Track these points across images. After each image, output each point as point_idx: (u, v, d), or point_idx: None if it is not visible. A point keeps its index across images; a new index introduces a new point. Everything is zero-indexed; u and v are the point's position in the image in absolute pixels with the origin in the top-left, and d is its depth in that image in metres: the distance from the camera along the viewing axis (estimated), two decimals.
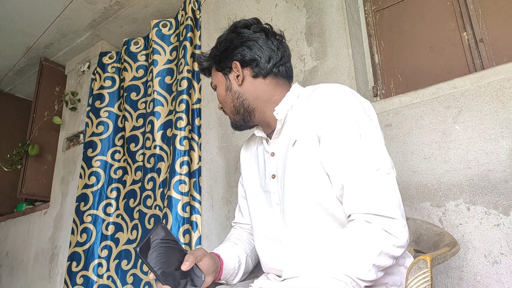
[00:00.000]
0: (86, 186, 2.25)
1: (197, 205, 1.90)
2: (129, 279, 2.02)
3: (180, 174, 1.88)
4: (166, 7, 2.54)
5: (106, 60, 2.50)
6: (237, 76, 0.94)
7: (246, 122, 0.98)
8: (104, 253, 2.10)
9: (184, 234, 1.79)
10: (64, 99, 2.89)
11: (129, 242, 2.09)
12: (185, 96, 2.00)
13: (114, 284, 2.03)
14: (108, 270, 2.07)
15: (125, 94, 2.35)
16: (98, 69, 2.51)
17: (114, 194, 2.22)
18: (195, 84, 2.08)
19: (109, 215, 2.18)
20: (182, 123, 1.96)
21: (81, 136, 2.71)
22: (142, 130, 2.25)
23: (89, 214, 2.18)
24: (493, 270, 1.08)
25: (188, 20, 2.13)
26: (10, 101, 3.61)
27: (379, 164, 0.74)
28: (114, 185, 2.24)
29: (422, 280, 0.63)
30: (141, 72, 2.38)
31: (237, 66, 0.94)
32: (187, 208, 1.85)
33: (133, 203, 2.16)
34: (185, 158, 1.91)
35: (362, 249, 0.68)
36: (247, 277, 1.05)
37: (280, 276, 0.87)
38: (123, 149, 2.31)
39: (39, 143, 2.90)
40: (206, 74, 1.05)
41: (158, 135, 2.07)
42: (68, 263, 2.12)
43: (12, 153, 2.94)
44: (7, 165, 2.94)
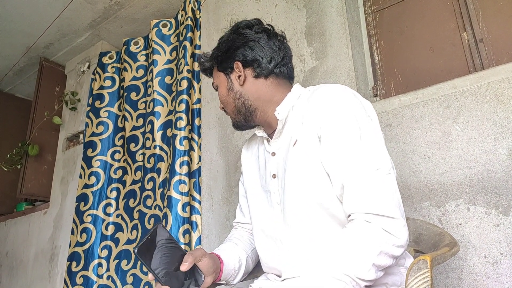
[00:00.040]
0: (86, 186, 2.25)
1: (197, 205, 1.90)
2: (129, 279, 2.02)
3: (180, 174, 1.88)
4: (166, 7, 2.54)
5: (106, 60, 2.50)
6: (239, 77, 0.95)
7: (248, 122, 0.98)
8: (104, 253, 2.10)
9: (184, 234, 1.79)
10: (64, 99, 2.89)
11: (129, 242, 2.09)
12: (185, 96, 2.00)
13: (114, 284, 2.03)
14: (108, 270, 2.07)
15: (125, 94, 2.35)
16: (98, 69, 2.51)
17: (114, 194, 2.22)
18: (195, 84, 2.08)
19: (109, 215, 2.18)
20: (182, 123, 1.96)
21: (81, 136, 2.71)
22: (142, 130, 2.25)
23: (89, 214, 2.18)
24: (493, 270, 1.08)
25: (188, 20, 2.13)
26: (10, 101, 3.61)
27: (379, 164, 0.74)
28: (114, 185, 2.24)
29: (422, 280, 0.63)
30: (141, 72, 2.38)
31: (239, 67, 0.94)
32: (187, 208, 1.85)
33: (133, 203, 2.17)
34: (185, 158, 1.91)
35: (362, 249, 0.68)
36: (247, 277, 1.05)
37: (280, 276, 0.87)
38: (123, 149, 2.31)
39: (39, 143, 2.90)
40: (208, 75, 1.05)
41: (158, 135, 2.07)
42: (68, 263, 2.12)
43: (12, 153, 2.94)
44: (7, 165, 2.94)
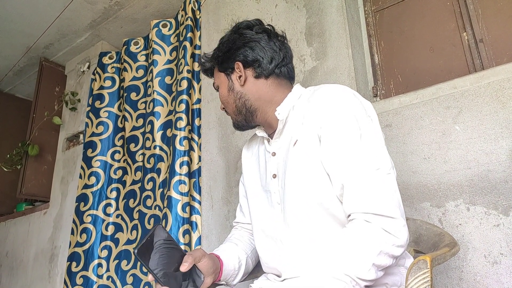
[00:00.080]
0: (86, 186, 2.25)
1: (197, 206, 1.90)
2: (129, 280, 2.02)
3: (180, 174, 1.88)
4: (166, 7, 2.54)
5: (106, 60, 2.50)
6: (240, 77, 0.95)
7: (248, 122, 0.98)
8: (104, 254, 2.10)
9: (184, 235, 1.79)
10: (64, 99, 2.89)
11: (129, 243, 2.09)
12: (185, 96, 2.00)
13: (114, 285, 2.03)
14: (108, 271, 2.07)
15: (125, 94, 2.35)
16: (98, 69, 2.51)
17: (114, 194, 2.22)
18: (195, 84, 2.08)
19: (109, 215, 2.18)
20: (182, 123, 1.96)
21: (81, 136, 2.71)
22: (142, 130, 2.25)
23: (89, 215, 2.18)
24: (493, 271, 1.08)
25: (188, 20, 2.13)
26: (10, 101, 3.61)
27: (379, 164, 0.74)
28: (114, 185, 2.24)
29: (422, 281, 0.63)
30: (141, 72, 2.38)
31: (240, 67, 0.94)
32: (187, 209, 1.84)
33: (133, 204, 2.17)
34: (185, 158, 1.91)
35: (362, 249, 0.68)
36: (247, 278, 1.05)
37: (280, 276, 0.87)
38: (123, 149, 2.31)
39: (39, 143, 2.90)
40: (209, 75, 1.05)
41: (158, 135, 2.07)
42: (68, 263, 2.12)
43: (12, 153, 2.94)
44: (7, 165, 2.94)
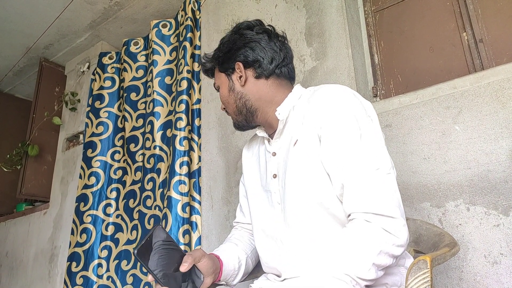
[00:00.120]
0: (86, 187, 2.25)
1: (197, 206, 1.90)
2: (129, 280, 2.02)
3: (180, 175, 1.88)
4: (166, 8, 2.54)
5: (106, 61, 2.50)
6: (240, 77, 0.95)
7: (249, 123, 0.98)
8: (104, 254, 2.10)
9: (184, 235, 1.79)
10: (64, 100, 2.89)
11: (129, 243, 2.09)
12: (185, 97, 2.00)
13: (114, 285, 2.03)
14: (108, 271, 2.07)
15: (125, 95, 2.35)
16: (98, 70, 2.51)
17: (114, 195, 2.22)
18: (195, 85, 2.08)
19: (109, 216, 2.18)
20: (182, 124, 1.96)
21: (81, 137, 2.71)
22: (142, 131, 2.25)
23: (89, 215, 2.18)
24: (493, 271, 1.08)
25: (188, 21, 2.13)
26: (10, 101, 3.61)
27: (379, 164, 0.74)
28: (114, 186, 2.24)
29: (422, 281, 0.63)
30: (141, 73, 2.38)
31: (240, 67, 0.95)
32: (187, 209, 1.84)
33: (133, 204, 2.17)
34: (185, 159, 1.91)
35: (362, 248, 0.68)
36: (247, 278, 1.05)
37: (280, 276, 0.87)
38: (123, 150, 2.31)
39: (39, 144, 2.90)
40: (209, 75, 1.06)
41: (158, 136, 2.07)
42: (68, 264, 2.12)
43: (12, 154, 2.94)
44: (7, 166, 2.94)
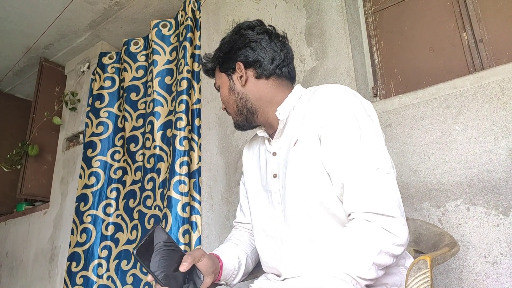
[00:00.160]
0: (86, 186, 2.25)
1: (197, 205, 1.90)
2: (129, 279, 2.02)
3: (180, 175, 1.88)
4: (166, 8, 2.54)
5: (106, 61, 2.50)
6: (241, 77, 0.95)
7: (249, 122, 0.98)
8: (104, 253, 2.10)
9: (184, 235, 1.79)
10: (64, 99, 2.89)
11: (129, 242, 2.09)
12: (185, 97, 2.00)
13: (114, 284, 2.03)
14: (108, 270, 2.07)
15: (125, 95, 2.35)
16: (98, 70, 2.51)
17: (114, 194, 2.22)
18: (195, 85, 2.09)
19: (109, 215, 2.18)
20: (182, 124, 1.96)
21: (81, 137, 2.71)
22: (142, 131, 2.25)
23: (89, 215, 2.18)
24: (493, 271, 1.08)
25: (188, 21, 2.13)
26: (10, 101, 3.61)
27: (379, 164, 0.74)
28: (114, 185, 2.24)
29: (422, 281, 0.63)
30: (141, 73, 2.38)
31: (241, 67, 0.95)
32: (187, 209, 1.85)
33: (133, 204, 2.17)
34: (185, 159, 1.91)
35: (362, 248, 0.68)
36: (247, 278, 1.05)
37: (280, 276, 0.87)
38: (123, 149, 2.31)
39: (39, 143, 2.90)
40: (210, 75, 1.06)
41: (158, 136, 2.07)
42: (68, 263, 2.12)
43: (12, 153, 2.94)
44: (7, 165, 2.94)
